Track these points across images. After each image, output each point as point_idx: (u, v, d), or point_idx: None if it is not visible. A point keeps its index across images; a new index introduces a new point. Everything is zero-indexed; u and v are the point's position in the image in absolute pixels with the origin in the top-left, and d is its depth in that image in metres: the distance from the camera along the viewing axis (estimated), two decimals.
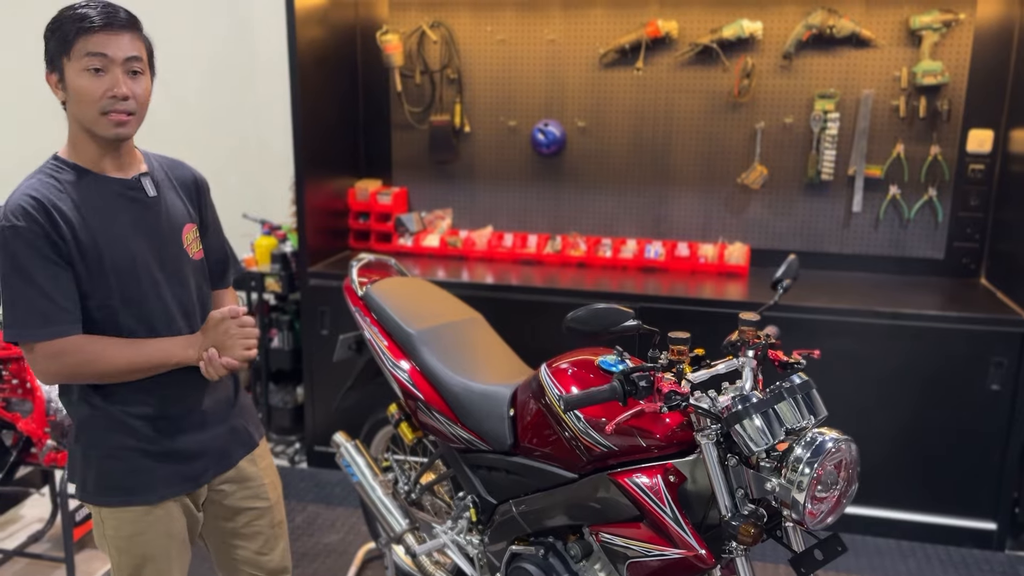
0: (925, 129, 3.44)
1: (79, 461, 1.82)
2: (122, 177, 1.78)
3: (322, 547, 3.15)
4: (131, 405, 1.77)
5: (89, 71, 1.65)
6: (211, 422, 1.89)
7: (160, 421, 1.81)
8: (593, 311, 1.76)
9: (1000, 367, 3.04)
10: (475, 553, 2.39)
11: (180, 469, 1.84)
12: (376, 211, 3.89)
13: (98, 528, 1.86)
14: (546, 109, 3.77)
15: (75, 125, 1.72)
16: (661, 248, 3.71)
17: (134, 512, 1.81)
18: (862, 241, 3.60)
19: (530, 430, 2.13)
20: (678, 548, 1.78)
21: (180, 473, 1.84)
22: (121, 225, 1.74)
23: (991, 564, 3.09)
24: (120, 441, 1.78)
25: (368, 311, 2.61)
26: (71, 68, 1.66)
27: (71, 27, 1.64)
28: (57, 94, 1.71)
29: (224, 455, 1.92)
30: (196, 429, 1.86)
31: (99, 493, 1.81)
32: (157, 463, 1.81)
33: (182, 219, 1.89)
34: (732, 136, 3.63)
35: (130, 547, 1.83)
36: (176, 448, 1.83)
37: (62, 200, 1.68)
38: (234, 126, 4.29)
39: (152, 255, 1.78)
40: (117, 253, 1.73)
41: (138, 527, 1.82)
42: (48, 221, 1.65)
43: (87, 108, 1.67)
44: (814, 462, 1.61)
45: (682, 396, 1.72)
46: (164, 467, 1.82)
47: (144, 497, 1.80)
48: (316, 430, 3.72)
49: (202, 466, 1.88)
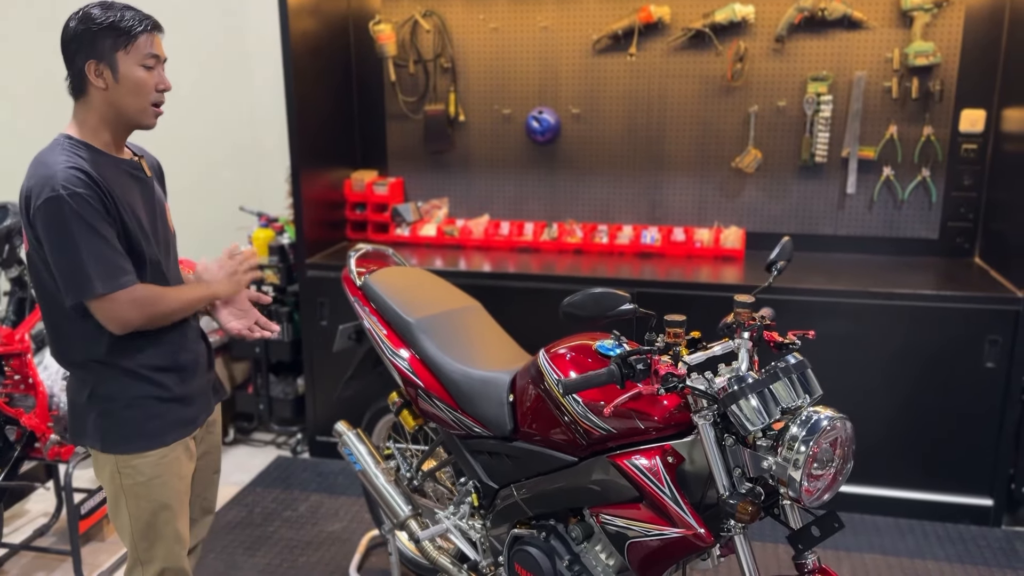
0: (918, 110, 3.45)
1: (95, 420, 1.97)
2: (127, 158, 1.99)
3: (326, 535, 3.18)
4: (146, 358, 1.96)
5: (144, 67, 1.88)
6: (201, 370, 2.11)
7: (171, 370, 2.01)
8: (590, 296, 1.78)
9: (995, 345, 3.07)
10: (477, 537, 2.42)
11: (185, 413, 2.05)
12: (372, 202, 3.90)
13: (114, 482, 2.00)
14: (540, 96, 3.78)
15: (105, 110, 1.89)
16: (657, 233, 3.72)
17: (153, 456, 1.98)
18: (856, 222, 3.62)
19: (530, 415, 2.16)
20: (677, 527, 1.80)
21: (184, 417, 2.05)
22: (135, 199, 1.95)
23: (988, 540, 3.13)
24: (139, 390, 1.96)
25: (367, 301, 2.63)
26: (128, 61, 1.86)
27: (135, 25, 1.86)
28: (96, 82, 1.86)
29: (208, 401, 2.16)
30: (194, 376, 2.07)
31: (122, 442, 1.97)
32: (169, 408, 2.00)
33: (163, 200, 2.11)
34: (726, 120, 3.64)
35: (149, 492, 1.99)
36: (183, 393, 2.03)
37: (95, 171, 1.85)
38: (229, 119, 4.29)
39: (152, 227, 2.00)
40: (141, 221, 1.94)
41: (156, 470, 1.99)
42: (98, 187, 1.83)
43: (140, 99, 1.90)
44: (810, 440, 1.64)
45: (679, 378, 1.74)
46: (174, 412, 2.02)
47: (161, 439, 1.99)
48: (317, 420, 3.74)
49: (197, 409, 2.09)
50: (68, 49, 1.87)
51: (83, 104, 1.90)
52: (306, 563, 3.01)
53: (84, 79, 1.86)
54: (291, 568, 2.98)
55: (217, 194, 4.32)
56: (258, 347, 3.85)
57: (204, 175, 4.35)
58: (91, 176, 1.82)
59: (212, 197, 4.34)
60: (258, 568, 2.98)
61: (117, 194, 1.88)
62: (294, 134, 3.52)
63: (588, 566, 2.11)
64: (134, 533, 2.03)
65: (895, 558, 3.02)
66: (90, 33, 1.84)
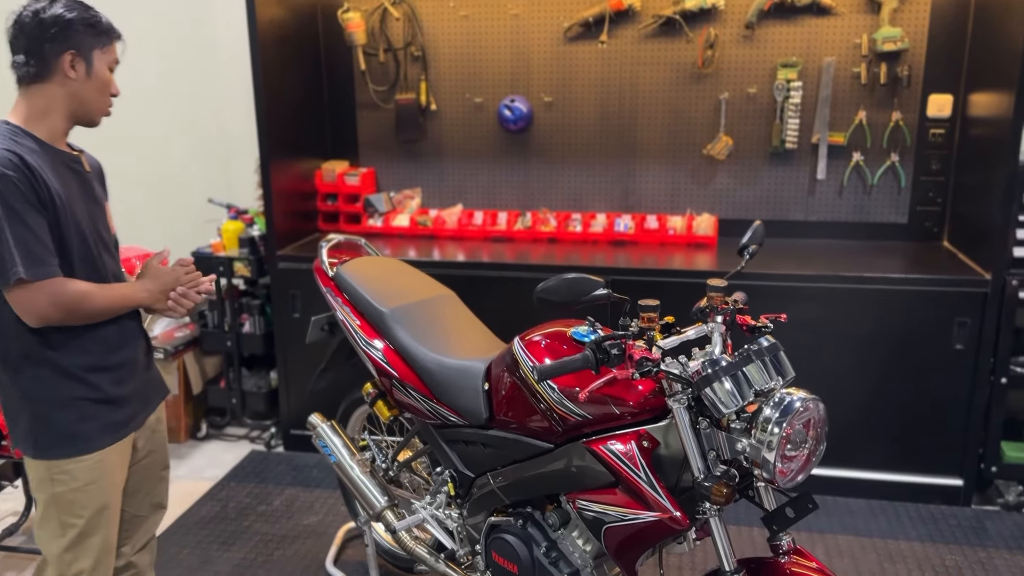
0: (886, 95, 3.48)
1: (28, 421, 1.92)
2: (67, 151, 1.97)
3: (301, 528, 3.16)
4: (76, 356, 1.91)
5: (111, 69, 1.95)
6: (138, 370, 2.06)
7: (104, 370, 1.95)
8: (563, 281, 1.77)
9: (964, 327, 3.11)
10: (454, 527, 2.41)
11: (120, 415, 1.99)
12: (344, 192, 3.87)
13: (46, 490, 1.93)
14: (512, 85, 3.77)
15: (68, 101, 1.89)
16: (630, 221, 3.73)
17: (89, 461, 1.93)
18: (827, 208, 3.65)
19: (505, 403, 2.15)
20: (653, 511, 1.81)
21: (119, 419, 1.99)
22: (73, 192, 1.92)
23: (958, 519, 3.18)
24: (70, 391, 1.91)
25: (339, 291, 2.61)
26: (101, 60, 1.91)
27: (110, 30, 1.93)
28: (70, 72, 1.87)
29: (147, 402, 2.11)
30: (129, 377, 2.02)
31: (55, 445, 1.91)
32: (103, 410, 1.95)
33: (103, 197, 2.07)
34: (697, 107, 3.65)
35: (85, 499, 1.93)
36: (117, 395, 1.98)
37: (32, 159, 1.82)
38: (196, 110, 4.23)
39: (92, 225, 1.95)
40: (76, 216, 1.90)
41: (92, 475, 1.94)
42: (31, 173, 1.80)
43: (104, 97, 1.94)
44: (783, 422, 1.64)
45: (653, 362, 1.74)
46: (109, 414, 1.96)
47: (97, 442, 1.94)
48: (291, 414, 3.71)
49: (134, 410, 2.04)
50: (40, 34, 1.83)
51: (38, 91, 1.87)
52: (282, 557, 2.98)
53: (53, 67, 1.85)
54: (266, 562, 2.95)
55: (186, 186, 4.25)
56: (230, 341, 3.80)
57: (172, 167, 4.28)
58: (26, 162, 1.79)
59: (180, 189, 4.27)
60: (233, 563, 2.95)
61: (53, 185, 1.84)
62: (263, 124, 3.48)
63: (565, 552, 2.11)
64: (62, 545, 1.94)
65: (868, 539, 3.06)
66: (75, 25, 1.85)
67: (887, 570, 2.88)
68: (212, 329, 3.84)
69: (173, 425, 3.86)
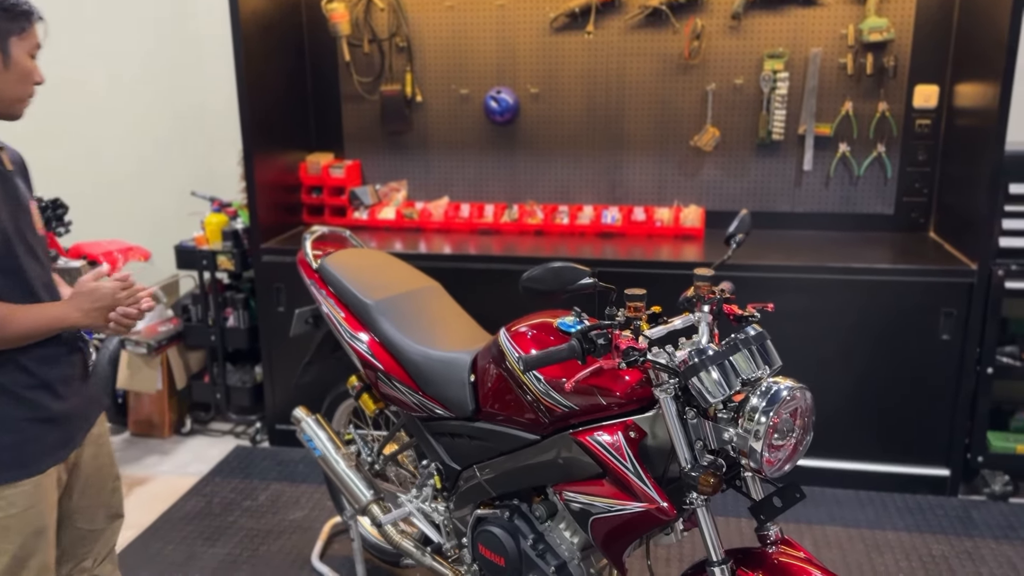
0: (872, 86, 3.48)
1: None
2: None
3: (287, 524, 3.13)
4: (12, 374, 1.79)
5: (31, 56, 1.78)
6: (77, 387, 1.94)
7: (43, 388, 1.83)
8: (549, 269, 1.75)
9: (950, 317, 3.11)
10: (441, 520, 2.39)
11: (61, 435, 1.88)
12: (329, 185, 3.83)
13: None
14: (498, 76, 3.74)
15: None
16: (618, 213, 3.71)
17: (28, 484, 1.81)
18: (813, 199, 3.65)
19: (491, 395, 2.13)
20: (640, 502, 1.79)
21: (60, 439, 1.88)
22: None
23: (945, 509, 3.18)
24: (9, 412, 1.79)
25: (324, 283, 2.58)
26: (20, 48, 1.75)
27: (27, 12, 1.75)
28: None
29: (87, 419, 1.99)
30: (69, 394, 1.90)
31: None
32: (44, 431, 1.84)
33: (27, 195, 1.89)
34: (684, 98, 3.63)
35: (21, 525, 1.81)
36: (60, 412, 1.87)
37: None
38: (179, 102, 4.18)
39: (14, 228, 1.78)
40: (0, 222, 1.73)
41: (31, 500, 1.81)
42: None
43: (24, 87, 1.78)
44: (770, 410, 1.63)
45: (640, 352, 1.73)
46: (50, 434, 1.85)
47: (38, 465, 1.82)
48: (276, 408, 3.68)
49: (75, 429, 1.93)
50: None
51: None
52: (267, 552, 2.96)
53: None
54: (252, 557, 2.93)
55: (168, 179, 4.21)
56: (214, 335, 3.76)
57: (154, 159, 4.23)
58: None
59: (163, 182, 4.23)
60: (218, 558, 2.92)
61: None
62: (246, 116, 3.44)
63: (552, 544, 2.09)
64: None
65: (855, 529, 3.06)
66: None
67: (874, 560, 2.88)
68: (196, 323, 3.80)
69: (157, 421, 3.83)
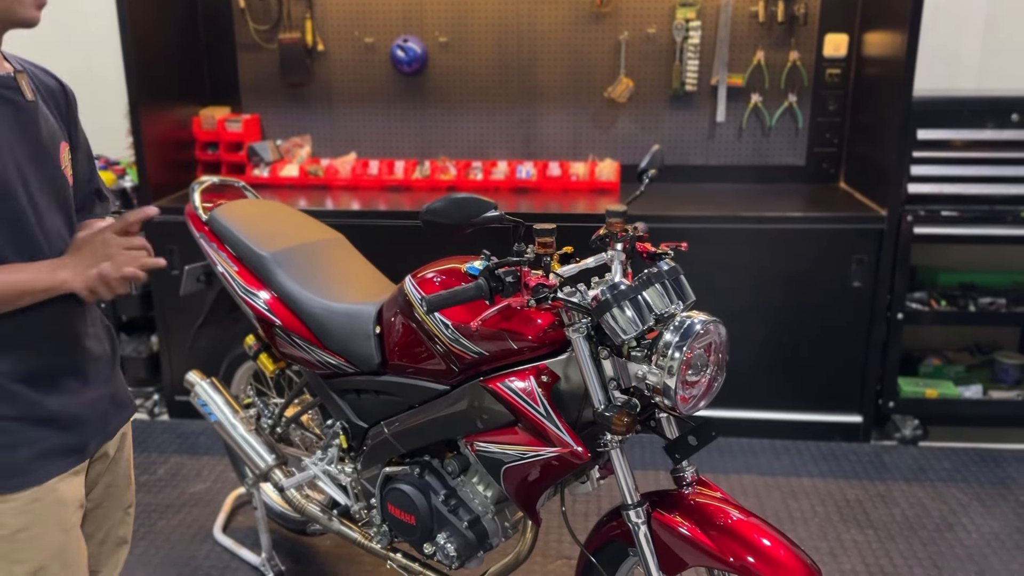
0: (784, 35, 3.46)
1: None
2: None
3: (188, 497, 2.94)
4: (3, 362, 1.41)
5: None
6: (94, 382, 1.55)
7: (41, 379, 1.45)
8: (452, 201, 1.62)
9: (861, 264, 3.13)
10: (348, 482, 2.26)
11: (65, 439, 1.48)
12: (225, 140, 3.60)
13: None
14: (404, 24, 3.57)
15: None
16: (533, 168, 3.61)
17: (20, 500, 1.42)
18: (726, 152, 3.62)
19: (398, 347, 2.01)
20: (553, 447, 1.71)
21: (65, 444, 1.48)
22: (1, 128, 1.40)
23: (858, 455, 3.23)
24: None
25: (214, 236, 2.39)
26: None
27: None
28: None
29: (106, 423, 1.59)
30: (80, 389, 1.51)
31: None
32: (40, 433, 1.45)
33: (57, 135, 1.53)
34: (597, 48, 3.54)
35: (14, 552, 1.42)
36: (60, 412, 1.48)
37: None
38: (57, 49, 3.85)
39: (30, 170, 1.43)
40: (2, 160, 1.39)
41: (24, 520, 1.43)
42: None
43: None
44: (683, 345, 1.56)
45: (550, 288, 1.63)
46: (48, 437, 1.46)
47: (32, 475, 1.43)
48: (175, 379, 3.46)
49: (88, 434, 1.53)
50: None
51: None
52: (166, 527, 2.77)
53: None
54: (149, 533, 2.74)
55: None
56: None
57: None
58: None
59: None
60: None
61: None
62: (131, 66, 3.18)
63: (465, 499, 2.00)
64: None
65: (771, 477, 3.07)
66: None
67: (791, 506, 2.89)
68: None
69: None
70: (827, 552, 2.64)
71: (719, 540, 1.59)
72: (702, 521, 1.63)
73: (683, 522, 1.64)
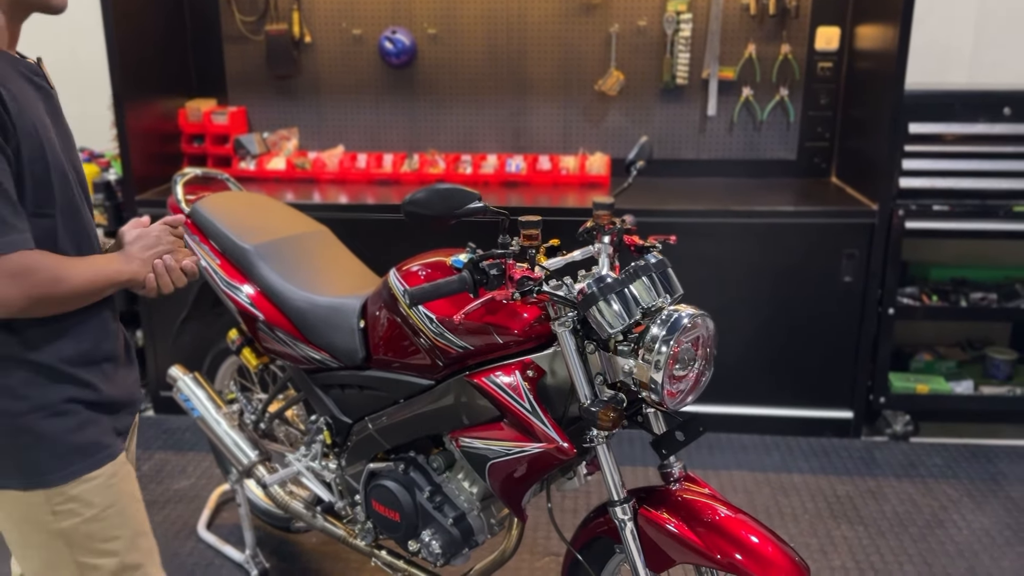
0: (775, 28, 3.43)
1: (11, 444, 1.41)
2: (22, 58, 1.41)
3: (172, 493, 2.91)
4: (64, 348, 1.42)
5: None
6: (127, 366, 1.59)
7: (96, 363, 1.48)
8: (435, 192, 1.59)
9: (852, 259, 3.11)
10: (332, 478, 2.23)
11: (116, 419, 1.53)
12: (211, 133, 3.56)
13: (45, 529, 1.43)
14: (393, 15, 3.53)
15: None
16: (522, 162, 3.58)
17: (102, 477, 1.45)
18: (717, 146, 3.60)
19: (383, 341, 1.98)
20: (539, 442, 1.68)
21: (116, 423, 1.52)
22: (42, 116, 1.36)
23: (849, 451, 3.21)
24: (63, 393, 1.42)
25: (197, 229, 2.36)
26: None
27: None
28: None
29: (134, 404, 1.62)
30: (122, 371, 1.56)
31: (53, 468, 1.41)
32: (102, 413, 1.48)
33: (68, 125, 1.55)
34: (587, 41, 3.51)
35: (107, 531, 1.46)
36: (112, 394, 1.50)
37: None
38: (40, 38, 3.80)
39: (71, 162, 1.43)
40: (53, 148, 1.36)
41: (109, 496, 1.46)
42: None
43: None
44: (670, 339, 1.53)
45: (535, 281, 1.61)
46: (107, 418, 1.50)
47: (107, 452, 1.46)
48: (160, 374, 3.42)
49: (127, 413, 1.57)
50: None
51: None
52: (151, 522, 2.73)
53: None
54: None
55: None
56: None
57: None
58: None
59: None
60: None
61: (16, 105, 1.29)
62: (115, 57, 3.13)
63: (451, 495, 1.97)
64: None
65: (762, 473, 3.05)
66: None
67: (781, 503, 2.87)
68: None
69: None
70: (817, 548, 2.62)
71: (706, 537, 1.57)
72: (689, 517, 1.60)
73: (670, 519, 1.61)
